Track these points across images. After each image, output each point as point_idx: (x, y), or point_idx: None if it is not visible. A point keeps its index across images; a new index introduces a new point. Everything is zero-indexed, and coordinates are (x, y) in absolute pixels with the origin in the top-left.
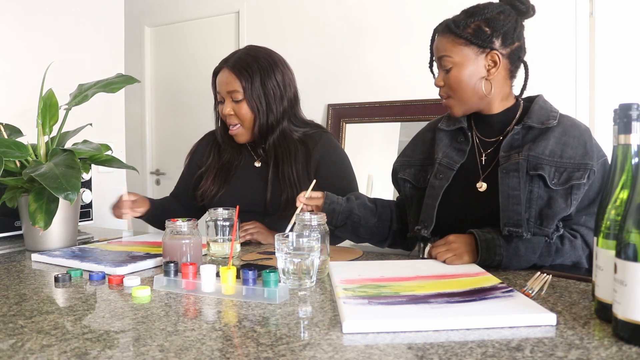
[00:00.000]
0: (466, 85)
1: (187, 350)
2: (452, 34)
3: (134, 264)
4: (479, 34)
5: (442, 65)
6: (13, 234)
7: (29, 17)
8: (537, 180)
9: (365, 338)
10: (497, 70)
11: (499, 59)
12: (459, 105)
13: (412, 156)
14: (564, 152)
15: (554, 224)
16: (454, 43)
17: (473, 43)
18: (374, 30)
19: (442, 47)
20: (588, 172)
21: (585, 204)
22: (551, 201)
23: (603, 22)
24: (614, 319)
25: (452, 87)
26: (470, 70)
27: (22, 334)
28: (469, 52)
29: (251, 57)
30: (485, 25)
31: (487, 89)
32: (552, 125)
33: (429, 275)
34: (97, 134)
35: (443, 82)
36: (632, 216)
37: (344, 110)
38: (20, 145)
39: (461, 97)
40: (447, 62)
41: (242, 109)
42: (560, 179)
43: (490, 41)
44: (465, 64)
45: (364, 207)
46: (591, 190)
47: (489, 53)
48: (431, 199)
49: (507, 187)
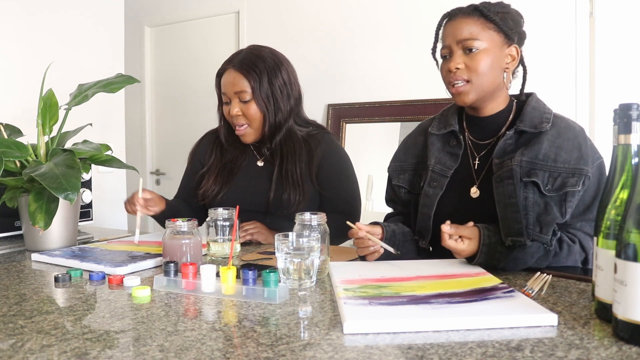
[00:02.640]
0: (490, 71)
1: (187, 350)
2: (482, 17)
3: (134, 264)
4: (507, 23)
5: (464, 48)
6: (13, 234)
7: (29, 17)
8: (532, 187)
9: (366, 338)
10: (513, 66)
11: (517, 55)
12: (475, 91)
13: (404, 160)
14: (558, 155)
15: (551, 230)
16: (484, 27)
17: (502, 30)
18: (374, 30)
19: (467, 29)
20: (583, 178)
21: (581, 210)
22: (547, 207)
23: (603, 22)
24: (614, 319)
25: (476, 71)
26: (496, 57)
27: (22, 334)
28: (497, 38)
29: (256, 57)
30: (510, 19)
31: (504, 80)
32: (546, 129)
33: (429, 275)
34: (97, 134)
35: (464, 65)
36: (632, 216)
37: (344, 110)
38: (20, 145)
39: (482, 83)
40: (474, 44)
41: (251, 109)
42: (555, 184)
43: (514, 34)
44: (492, 50)
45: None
46: (587, 195)
47: (510, 46)
48: (426, 209)
49: (504, 196)
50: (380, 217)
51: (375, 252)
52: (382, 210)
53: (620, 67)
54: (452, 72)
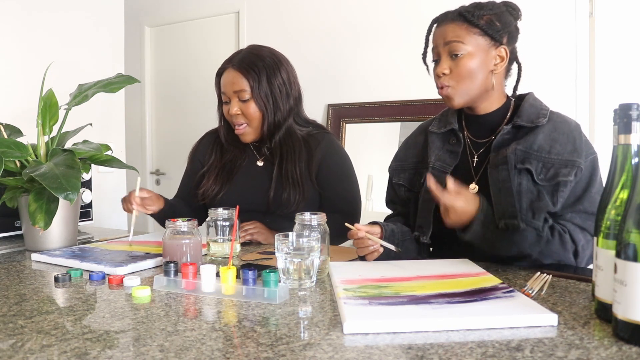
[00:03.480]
0: (475, 75)
1: (187, 350)
2: (466, 22)
3: (134, 264)
4: (492, 26)
5: (449, 53)
6: (13, 234)
7: (29, 17)
8: (525, 174)
9: (366, 338)
10: (502, 66)
11: (506, 55)
12: (460, 95)
13: (405, 160)
14: (553, 147)
15: (543, 217)
16: (468, 31)
17: (487, 34)
18: (374, 30)
19: (453, 34)
20: (575, 170)
21: (572, 201)
22: (540, 195)
23: (603, 22)
24: (614, 319)
25: (461, 75)
26: (481, 60)
27: (22, 334)
28: (483, 42)
29: (255, 56)
30: (497, 20)
31: (492, 82)
32: (542, 123)
33: (429, 275)
34: (97, 134)
35: (450, 70)
36: (632, 216)
37: (344, 110)
38: (20, 145)
39: (467, 87)
40: (459, 49)
41: (250, 108)
42: (547, 174)
43: (501, 35)
44: (477, 54)
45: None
46: (578, 187)
47: (498, 47)
48: (427, 204)
49: (497, 181)
50: (381, 217)
51: (375, 251)
52: (382, 211)
53: (620, 67)
54: (439, 76)
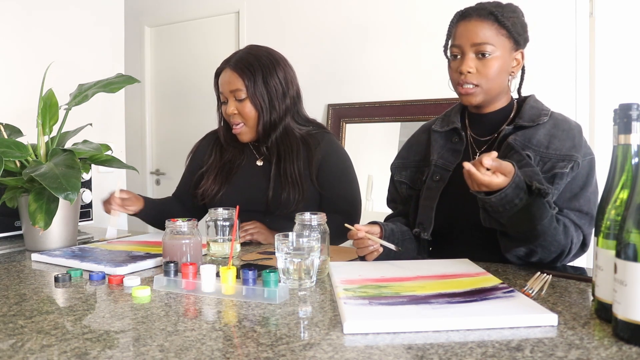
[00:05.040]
0: (499, 76)
1: (187, 350)
2: (497, 22)
3: (134, 264)
4: (517, 29)
5: (477, 52)
6: (13, 234)
7: (29, 17)
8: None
9: (366, 338)
10: (518, 69)
11: (522, 59)
12: (482, 94)
13: (407, 157)
14: (551, 143)
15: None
16: (498, 32)
17: (513, 36)
18: (374, 30)
19: (482, 34)
20: (572, 164)
21: (568, 197)
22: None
23: (603, 22)
24: (614, 319)
25: (488, 76)
26: (505, 62)
27: (22, 334)
28: (507, 44)
29: (252, 56)
30: (519, 23)
31: (508, 84)
32: (543, 122)
33: (429, 275)
34: (97, 134)
35: (475, 69)
36: (632, 216)
37: (344, 110)
38: (20, 145)
39: (489, 88)
40: (488, 49)
41: (246, 108)
42: (544, 167)
43: (523, 39)
44: (503, 56)
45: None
46: (574, 184)
47: (517, 50)
48: (428, 201)
49: (510, 159)
50: (381, 217)
51: (375, 251)
52: (382, 211)
53: (620, 67)
54: (463, 74)
